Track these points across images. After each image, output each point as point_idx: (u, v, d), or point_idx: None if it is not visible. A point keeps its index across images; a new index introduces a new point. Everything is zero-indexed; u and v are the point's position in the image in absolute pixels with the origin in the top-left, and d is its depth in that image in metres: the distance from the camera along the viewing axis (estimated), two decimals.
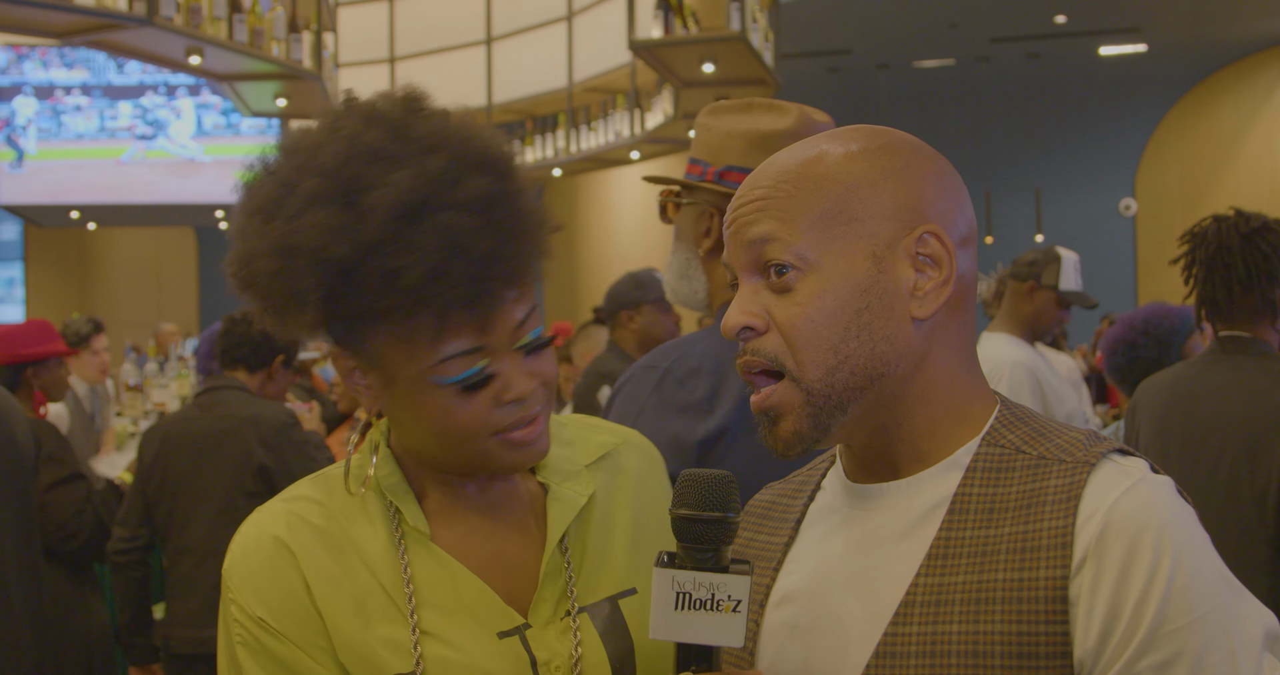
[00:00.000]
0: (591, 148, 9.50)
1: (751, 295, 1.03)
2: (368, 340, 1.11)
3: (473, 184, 1.08)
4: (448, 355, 1.09)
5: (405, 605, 1.12)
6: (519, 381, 1.12)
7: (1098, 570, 0.92)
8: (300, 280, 1.06)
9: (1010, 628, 0.93)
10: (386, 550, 1.14)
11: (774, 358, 1.01)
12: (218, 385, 3.48)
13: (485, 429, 1.12)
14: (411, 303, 1.05)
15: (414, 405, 1.12)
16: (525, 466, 1.18)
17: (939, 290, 1.02)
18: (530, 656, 1.13)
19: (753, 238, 1.02)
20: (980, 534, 0.98)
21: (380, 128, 1.11)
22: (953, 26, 11.57)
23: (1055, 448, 1.00)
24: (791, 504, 1.15)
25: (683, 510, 0.99)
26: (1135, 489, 0.94)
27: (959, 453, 1.03)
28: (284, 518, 1.15)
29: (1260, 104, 13.09)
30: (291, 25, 7.22)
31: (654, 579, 0.98)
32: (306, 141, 1.12)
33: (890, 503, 1.04)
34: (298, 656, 1.09)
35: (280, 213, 1.08)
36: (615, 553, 1.24)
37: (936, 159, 1.07)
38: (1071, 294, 3.71)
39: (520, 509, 1.23)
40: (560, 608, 1.18)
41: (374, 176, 1.07)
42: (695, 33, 6.98)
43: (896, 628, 0.98)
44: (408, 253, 1.04)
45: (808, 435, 1.01)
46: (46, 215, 13.93)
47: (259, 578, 1.12)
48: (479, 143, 1.13)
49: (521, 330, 1.13)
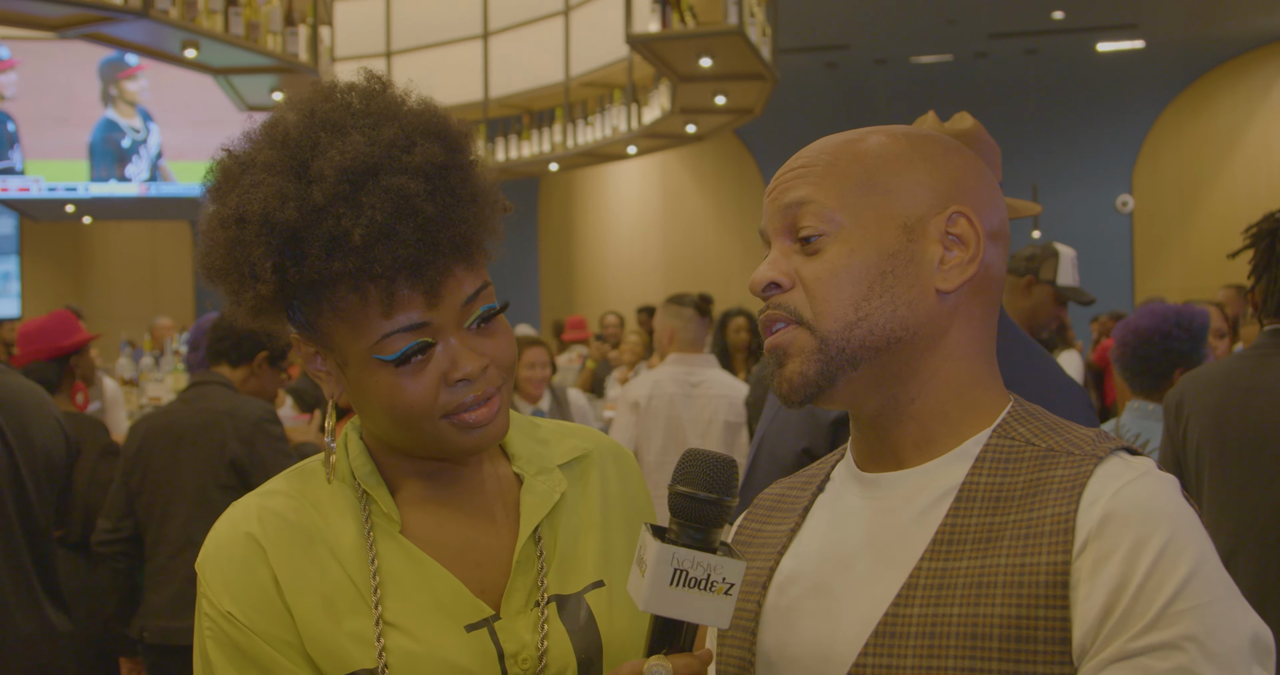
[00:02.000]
0: (588, 142, 9.49)
1: (782, 256, 1.07)
2: (318, 319, 1.11)
3: (424, 151, 1.08)
4: (391, 330, 1.08)
5: (371, 598, 1.11)
6: (466, 360, 1.11)
7: (1099, 553, 0.92)
8: (251, 249, 1.06)
9: (1010, 611, 0.94)
10: (356, 543, 1.14)
11: (794, 310, 1.04)
12: (203, 380, 3.52)
13: (434, 410, 1.11)
14: (358, 267, 1.05)
15: (364, 386, 1.12)
16: (482, 449, 1.16)
17: (964, 267, 1.05)
18: (498, 649, 1.13)
19: (789, 201, 1.06)
20: (986, 521, 0.99)
21: (336, 102, 1.12)
22: (951, 22, 11.55)
23: (1064, 441, 1.02)
24: (799, 495, 1.17)
25: (682, 487, 1.00)
26: (1140, 481, 0.96)
27: (968, 443, 1.04)
28: (256, 513, 1.15)
29: (1258, 101, 13.09)
30: (288, 19, 7.20)
31: (652, 553, 0.98)
32: (266, 120, 1.13)
33: (899, 491, 1.05)
34: (264, 651, 1.09)
35: (236, 187, 1.09)
36: (585, 548, 1.24)
37: (977, 159, 1.11)
38: (1068, 290, 3.71)
39: (493, 499, 1.22)
40: (531, 598, 1.17)
41: (325, 143, 1.07)
42: (692, 27, 6.97)
43: (898, 609, 0.99)
44: (354, 214, 1.04)
45: (813, 380, 1.03)
46: (42, 209, 13.91)
47: (229, 573, 1.12)
48: (434, 116, 1.13)
49: (470, 307, 1.12)
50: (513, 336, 1.18)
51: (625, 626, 1.21)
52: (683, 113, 8.60)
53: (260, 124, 1.14)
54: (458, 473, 1.21)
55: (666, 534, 1.01)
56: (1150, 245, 13.73)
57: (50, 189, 12.88)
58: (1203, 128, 13.51)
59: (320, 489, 1.18)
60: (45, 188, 12.87)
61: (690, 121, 9.13)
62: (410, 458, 1.19)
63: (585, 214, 15.36)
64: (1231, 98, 13.26)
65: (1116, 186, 14.07)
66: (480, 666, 1.12)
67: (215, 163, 1.15)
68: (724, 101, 8.38)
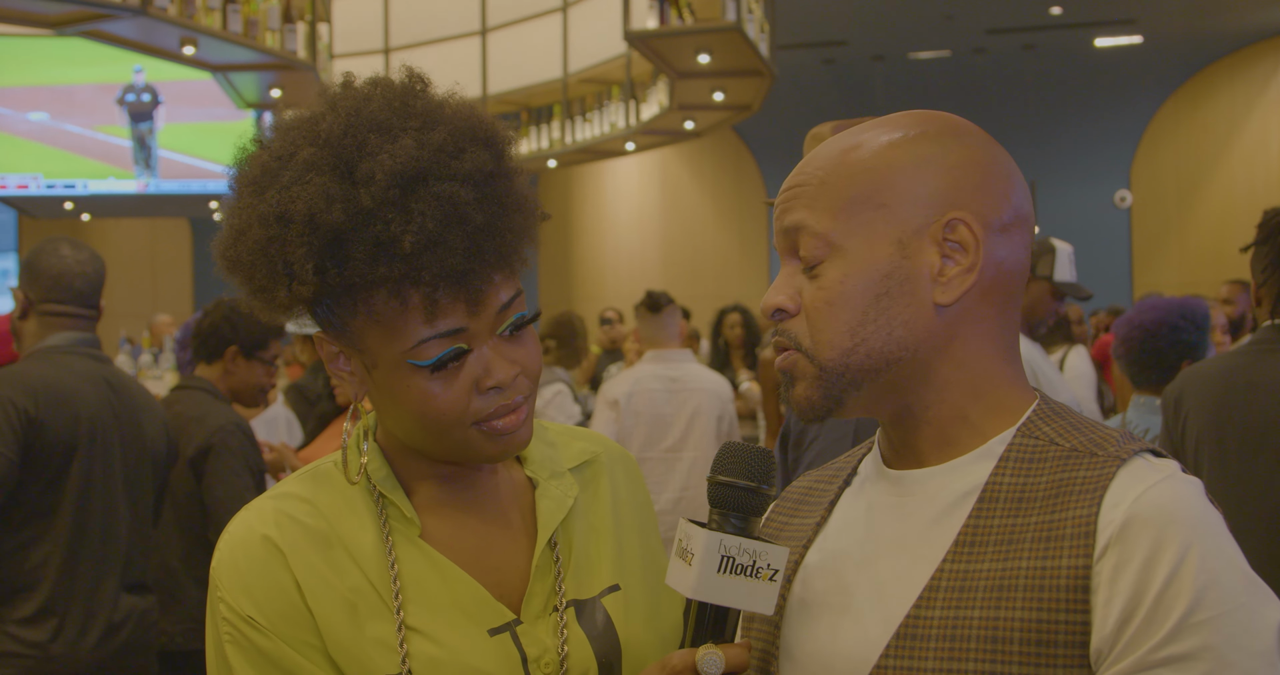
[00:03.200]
0: (586, 139, 9.48)
1: (788, 278, 1.07)
2: (351, 321, 1.09)
3: (473, 157, 1.07)
4: (428, 336, 1.07)
5: (393, 603, 1.10)
6: (499, 367, 1.10)
7: (1119, 559, 0.91)
8: (292, 249, 1.04)
9: (1030, 615, 0.94)
10: (375, 547, 1.13)
11: (795, 338, 1.05)
12: (184, 384, 3.49)
13: (466, 417, 1.10)
14: (403, 274, 1.03)
15: (394, 390, 1.10)
16: (507, 456, 1.15)
17: (963, 277, 1.02)
18: (521, 653, 1.12)
19: (788, 225, 1.06)
20: (1008, 522, 0.98)
21: (381, 102, 1.10)
22: (948, 18, 11.55)
23: (1088, 441, 1.00)
24: (826, 489, 1.17)
25: (723, 477, 1.03)
26: (1163, 484, 0.94)
27: (993, 442, 1.03)
28: (272, 516, 1.13)
29: (1256, 96, 13.09)
30: (286, 15, 7.20)
31: (700, 541, 1.00)
32: (303, 116, 1.11)
33: (923, 488, 1.05)
34: (288, 654, 1.08)
35: (275, 183, 1.06)
36: (599, 553, 1.24)
37: (986, 145, 1.06)
38: (1066, 285, 3.71)
39: (508, 503, 1.22)
40: (550, 603, 1.17)
41: (374, 145, 1.05)
42: (691, 23, 6.97)
43: (919, 611, 0.99)
44: (404, 220, 1.03)
45: (819, 404, 1.04)
46: (40, 206, 13.89)
47: (248, 576, 1.10)
48: (479, 120, 1.12)
49: (505, 314, 1.11)
50: (539, 345, 1.17)
51: (642, 630, 1.21)
52: (681, 109, 8.60)
53: (294, 118, 1.11)
54: (473, 477, 1.20)
55: (709, 524, 1.02)
56: (1148, 240, 13.74)
57: (49, 186, 12.87)
58: (1201, 123, 13.51)
59: (335, 492, 1.16)
60: (44, 184, 12.86)
61: (688, 118, 9.13)
62: (427, 461, 1.18)
63: (583, 210, 15.35)
64: (1229, 93, 13.26)
65: (1115, 182, 14.07)
66: (504, 671, 1.11)
67: (245, 155, 1.12)
68: (722, 98, 8.38)
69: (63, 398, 2.65)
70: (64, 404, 2.65)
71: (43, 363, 2.70)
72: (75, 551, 2.67)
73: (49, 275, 2.74)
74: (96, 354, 2.81)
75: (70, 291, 2.75)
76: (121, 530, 2.78)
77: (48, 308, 2.75)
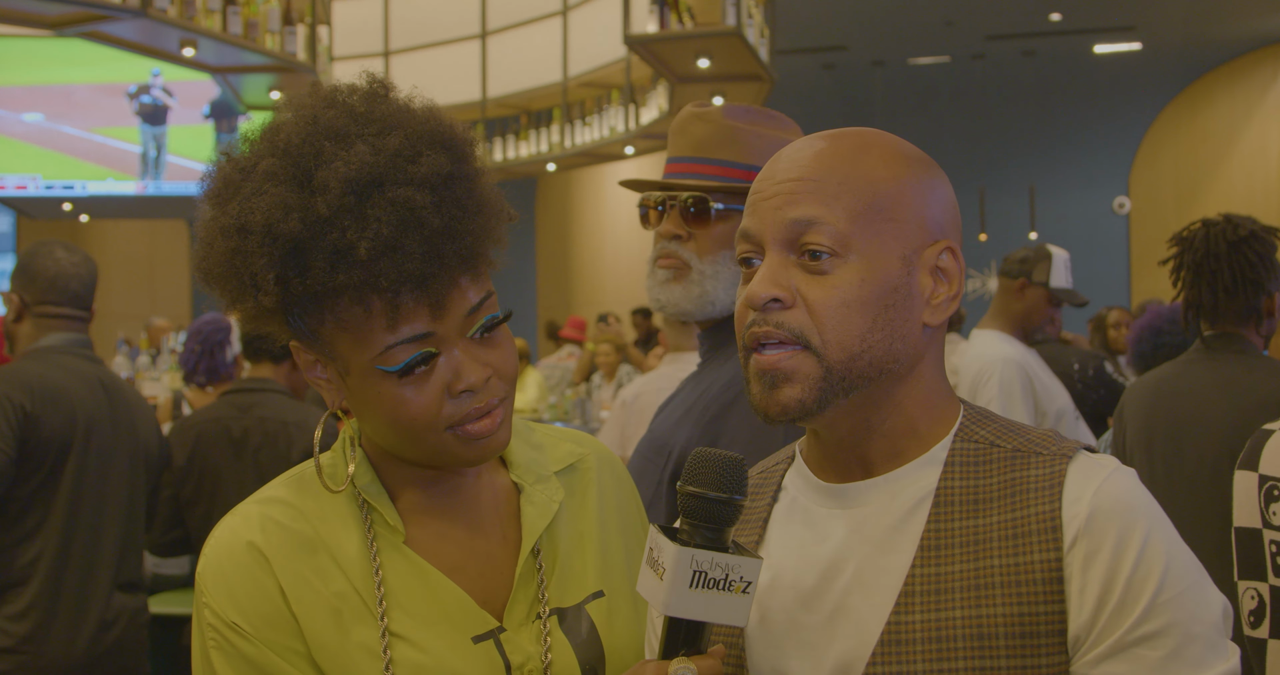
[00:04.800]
0: (586, 143, 9.50)
1: (781, 269, 1.04)
2: (320, 329, 1.09)
3: (429, 161, 1.07)
4: (395, 341, 1.07)
5: (377, 609, 1.10)
6: (470, 370, 1.10)
7: (1089, 549, 0.97)
8: (254, 260, 1.04)
9: (1011, 610, 0.98)
10: (359, 553, 1.13)
11: (799, 333, 1.02)
12: (252, 386, 3.43)
13: (439, 422, 1.10)
14: (363, 281, 1.03)
15: (367, 397, 1.10)
16: (484, 460, 1.15)
17: (949, 303, 1.07)
18: (505, 661, 1.12)
19: (797, 217, 1.03)
20: (969, 524, 1.02)
21: (339, 108, 1.10)
22: (948, 24, 11.56)
23: (1028, 442, 1.05)
24: (754, 506, 1.16)
25: (692, 487, 1.00)
26: (1113, 477, 1.01)
27: (935, 449, 1.06)
28: (258, 521, 1.13)
29: (1254, 103, 13.10)
30: (286, 18, 7.21)
31: (670, 556, 0.98)
32: (266, 126, 1.11)
33: (872, 499, 1.06)
34: (272, 660, 1.08)
35: (237, 195, 1.07)
36: (584, 559, 1.23)
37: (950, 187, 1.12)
38: (1062, 291, 3.72)
39: (491, 509, 1.22)
40: (533, 610, 1.17)
41: (330, 153, 1.05)
42: (690, 28, 6.98)
43: (899, 617, 1.01)
44: (359, 227, 1.03)
45: (810, 406, 1.03)
46: (39, 207, 13.90)
47: (233, 582, 1.10)
48: (438, 123, 1.12)
49: (474, 317, 1.11)
50: (515, 347, 1.16)
51: (625, 635, 1.21)
52: None
53: (258, 128, 1.12)
54: (457, 482, 1.20)
55: (678, 534, 1.01)
56: (1147, 247, 13.74)
57: (47, 187, 12.87)
58: (1200, 129, 13.52)
59: (319, 497, 1.16)
60: (42, 185, 12.86)
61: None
62: (410, 466, 1.18)
63: (583, 214, 15.35)
64: (1228, 100, 13.28)
65: (1113, 188, 14.08)
66: None
67: (213, 167, 1.13)
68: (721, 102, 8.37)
69: (59, 396, 2.67)
70: (60, 402, 2.67)
71: (39, 362, 2.72)
72: (67, 549, 2.68)
73: (45, 277, 2.76)
74: (90, 355, 2.84)
75: (66, 294, 2.77)
76: (114, 529, 2.79)
77: (43, 310, 2.77)
